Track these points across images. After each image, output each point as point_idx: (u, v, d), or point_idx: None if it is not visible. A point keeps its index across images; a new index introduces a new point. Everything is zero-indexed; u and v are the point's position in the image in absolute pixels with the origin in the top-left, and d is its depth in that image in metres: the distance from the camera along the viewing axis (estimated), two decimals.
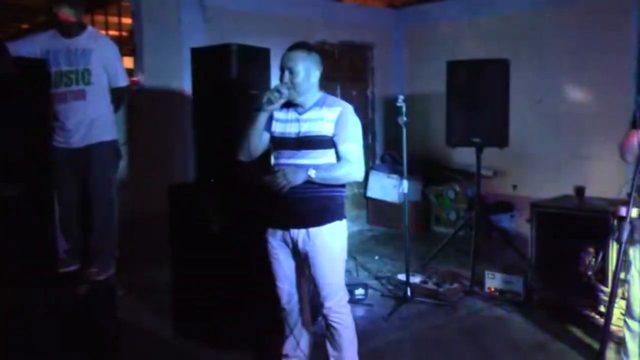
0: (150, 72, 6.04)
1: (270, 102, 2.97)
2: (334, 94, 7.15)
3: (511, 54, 5.68)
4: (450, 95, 5.44)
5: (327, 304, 3.06)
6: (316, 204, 3.00)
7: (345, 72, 7.72)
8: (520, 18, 6.90)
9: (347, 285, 4.42)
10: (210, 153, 4.19)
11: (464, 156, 6.41)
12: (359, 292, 4.77)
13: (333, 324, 3.07)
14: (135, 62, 6.12)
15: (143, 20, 6.03)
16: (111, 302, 4.37)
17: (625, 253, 3.21)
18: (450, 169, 7.40)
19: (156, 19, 6.08)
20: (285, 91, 2.97)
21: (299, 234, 3.02)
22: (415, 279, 5.00)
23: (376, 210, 7.66)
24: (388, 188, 7.35)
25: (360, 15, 7.82)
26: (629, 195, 2.93)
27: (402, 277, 4.95)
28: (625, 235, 2.86)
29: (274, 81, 3.39)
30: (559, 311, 4.38)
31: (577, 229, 4.40)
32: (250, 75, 4.09)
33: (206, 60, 4.26)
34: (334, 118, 2.99)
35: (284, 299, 3.17)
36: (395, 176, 7.19)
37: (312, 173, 2.91)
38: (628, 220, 2.88)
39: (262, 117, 3.04)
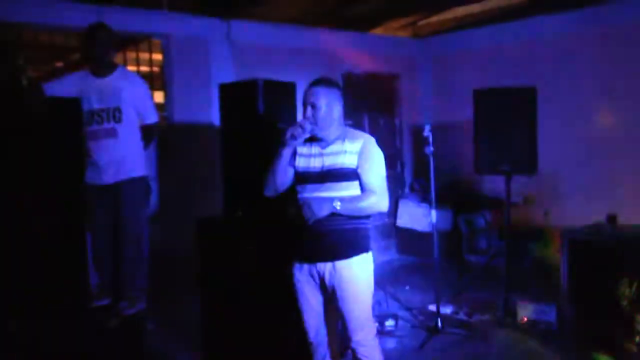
0: (179, 107, 6.16)
1: (293, 137, 3.01)
2: (361, 124, 7.31)
3: (539, 80, 5.65)
4: (478, 124, 5.41)
5: (355, 338, 3.05)
6: (342, 237, 3.02)
7: (372, 102, 7.76)
8: (547, 44, 6.88)
9: (377, 316, 4.41)
10: (238, 187, 4.25)
11: (494, 183, 6.36)
12: (389, 323, 4.73)
13: (361, 357, 3.06)
14: (166, 97, 6.24)
15: (173, 56, 6.17)
16: (141, 336, 4.42)
17: None
18: (481, 197, 7.34)
19: (186, 55, 6.22)
20: (308, 126, 3.02)
21: (326, 267, 3.03)
22: (447, 310, 4.95)
23: (406, 239, 7.61)
24: (418, 217, 7.31)
25: (386, 46, 7.89)
26: None
27: (432, 307, 4.90)
28: None
29: (301, 114, 3.44)
30: (593, 341, 4.28)
31: (611, 258, 4.32)
32: (277, 109, 4.15)
33: (234, 96, 4.34)
34: (356, 150, 3.02)
35: (311, 333, 3.17)
36: (424, 205, 7.16)
37: (337, 205, 2.94)
38: None
39: (286, 153, 3.08)
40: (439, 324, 4.67)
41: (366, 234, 3.11)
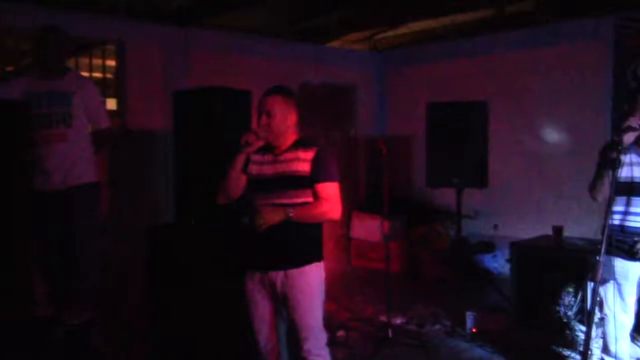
0: (133, 113, 6.09)
1: (247, 144, 3.02)
2: (316, 135, 7.33)
3: (492, 95, 5.80)
4: (430, 137, 5.50)
5: (305, 346, 3.05)
6: (294, 246, 3.03)
7: (329, 114, 7.80)
8: (500, 60, 7.05)
9: (328, 326, 4.40)
10: (191, 195, 4.22)
11: (446, 196, 6.45)
12: (340, 333, 4.74)
13: None
14: (119, 104, 6.16)
15: (127, 62, 6.10)
16: (87, 347, 4.33)
17: (599, 292, 3.27)
18: (433, 209, 7.44)
19: (141, 62, 6.15)
20: (262, 134, 3.03)
21: (278, 276, 3.03)
22: (397, 320, 4.99)
23: (359, 250, 7.65)
24: (371, 228, 7.36)
25: (344, 58, 7.96)
26: (601, 234, 2.98)
27: (384, 318, 4.93)
28: (598, 274, 2.90)
29: (256, 122, 3.44)
30: (540, 351, 4.37)
31: (556, 269, 4.43)
32: (232, 117, 4.15)
33: (189, 103, 4.32)
34: (310, 158, 3.04)
35: (261, 343, 3.15)
36: (378, 216, 7.21)
37: (290, 212, 2.94)
38: (601, 259, 2.92)
39: (240, 160, 3.09)
40: (390, 334, 4.70)
41: (318, 243, 3.12)
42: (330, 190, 3.04)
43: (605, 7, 6.04)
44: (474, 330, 4.80)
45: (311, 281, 3.06)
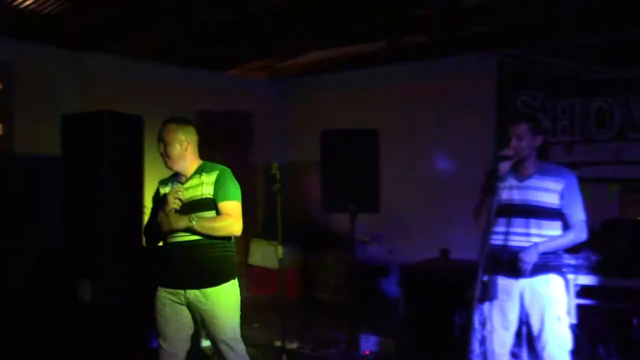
0: (21, 138, 5.85)
1: (176, 204, 3.19)
2: (216, 162, 7.30)
3: (385, 123, 5.99)
4: (325, 163, 5.61)
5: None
6: (211, 265, 3.20)
7: (228, 141, 7.81)
8: (393, 91, 7.32)
9: None
10: (80, 222, 4.11)
11: (342, 222, 6.59)
12: None
13: None
14: (5, 128, 5.90)
15: (15, 84, 5.87)
16: None
17: (482, 310, 3.44)
18: (331, 235, 7.56)
19: (30, 84, 5.94)
20: (182, 196, 3.21)
21: (195, 295, 3.17)
22: (292, 345, 5.02)
23: (257, 277, 7.65)
24: (269, 254, 7.36)
25: (242, 86, 8.01)
26: (481, 255, 3.14)
27: (279, 343, 4.95)
28: (477, 293, 3.05)
29: (148, 149, 3.54)
30: None
31: (444, 290, 4.61)
32: (122, 142, 4.10)
33: (78, 128, 4.23)
34: (212, 180, 3.24)
35: None
36: (275, 243, 7.23)
37: (194, 220, 3.12)
38: (479, 278, 3.07)
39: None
40: (284, 359, 4.72)
41: (232, 261, 3.32)
42: (232, 208, 3.24)
43: (490, 44, 6.46)
44: (367, 352, 4.91)
45: (228, 299, 3.26)
